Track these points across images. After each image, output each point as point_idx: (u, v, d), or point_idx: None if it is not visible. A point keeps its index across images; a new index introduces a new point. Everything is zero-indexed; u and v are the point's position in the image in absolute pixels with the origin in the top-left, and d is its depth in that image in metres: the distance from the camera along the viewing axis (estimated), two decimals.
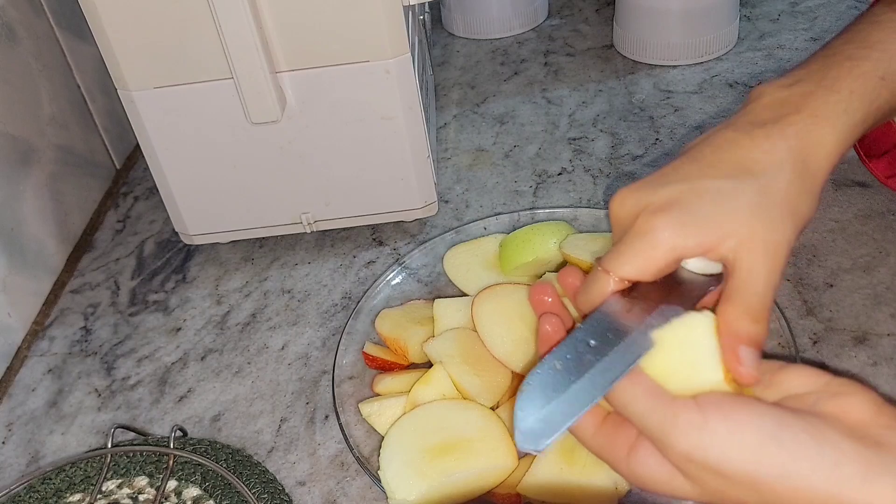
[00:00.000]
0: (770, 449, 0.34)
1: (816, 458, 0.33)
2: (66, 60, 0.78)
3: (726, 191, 0.40)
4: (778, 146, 0.41)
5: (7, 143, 0.68)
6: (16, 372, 0.65)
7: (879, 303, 0.57)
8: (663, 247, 0.39)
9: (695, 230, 0.39)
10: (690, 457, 0.35)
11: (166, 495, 0.52)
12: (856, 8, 0.90)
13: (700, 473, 0.35)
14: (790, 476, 0.33)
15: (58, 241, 0.74)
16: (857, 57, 0.44)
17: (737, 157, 0.41)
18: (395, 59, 0.60)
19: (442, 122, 0.84)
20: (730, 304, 0.39)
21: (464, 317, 0.56)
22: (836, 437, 0.34)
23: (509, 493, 0.48)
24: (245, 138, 0.63)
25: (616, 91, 0.84)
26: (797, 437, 0.34)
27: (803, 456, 0.33)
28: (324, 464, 0.54)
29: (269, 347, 0.63)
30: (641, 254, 0.40)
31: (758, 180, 0.40)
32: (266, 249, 0.72)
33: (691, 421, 0.35)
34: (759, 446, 0.34)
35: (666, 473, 0.36)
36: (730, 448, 0.34)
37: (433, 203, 0.69)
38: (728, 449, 0.34)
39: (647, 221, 0.40)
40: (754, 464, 0.34)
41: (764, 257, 0.39)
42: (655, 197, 0.41)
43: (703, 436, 0.34)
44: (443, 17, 1.00)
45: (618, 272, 0.40)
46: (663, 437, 0.35)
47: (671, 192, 0.40)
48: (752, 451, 0.34)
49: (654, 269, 0.40)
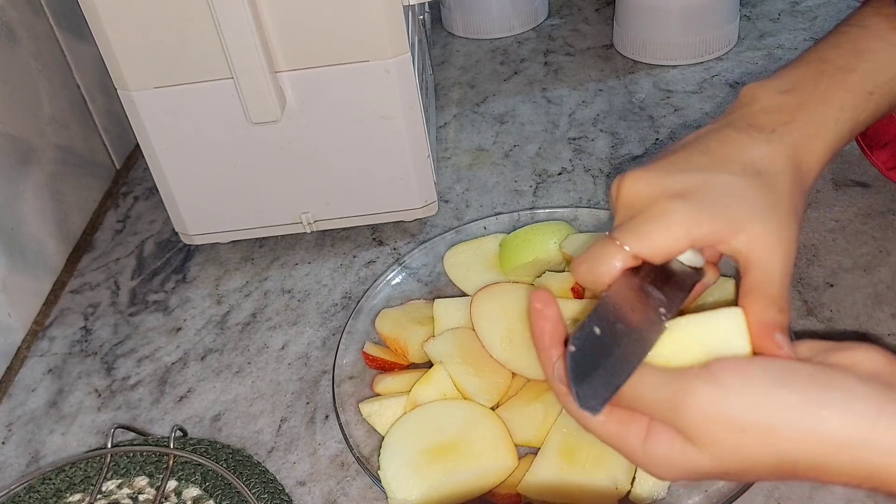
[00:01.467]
0: (780, 392, 0.35)
1: (826, 400, 0.34)
2: (66, 60, 0.78)
3: (739, 186, 0.42)
4: (778, 152, 0.43)
5: (7, 143, 0.68)
6: (16, 372, 0.65)
7: (880, 302, 0.57)
8: (680, 231, 0.41)
9: (710, 220, 0.41)
10: (706, 415, 0.35)
11: (166, 495, 0.52)
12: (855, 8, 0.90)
13: (716, 434, 0.35)
14: (801, 419, 0.34)
15: (58, 241, 0.74)
16: (847, 68, 0.47)
17: (744, 156, 0.43)
18: (395, 59, 0.60)
19: (442, 121, 0.84)
20: (754, 297, 0.40)
21: (464, 317, 0.56)
22: (846, 380, 0.35)
23: (509, 493, 0.48)
24: (245, 138, 0.63)
25: (616, 91, 0.84)
26: (806, 381, 0.35)
27: (813, 397, 0.34)
28: (324, 464, 0.54)
29: (269, 347, 0.63)
30: (658, 234, 0.41)
31: (765, 180, 0.42)
32: (266, 249, 0.72)
33: (703, 381, 0.36)
34: (769, 392, 0.35)
35: (679, 448, 0.36)
36: (742, 397, 0.35)
37: (433, 203, 0.69)
38: (741, 398, 0.35)
39: (666, 204, 0.41)
40: (766, 408, 0.35)
41: (779, 251, 0.41)
42: (672, 182, 0.42)
43: (714, 391, 0.35)
44: (443, 17, 1.00)
45: (634, 248, 0.41)
46: (678, 406, 0.36)
47: (687, 180, 0.42)
48: (762, 396, 0.35)
49: (665, 252, 0.41)
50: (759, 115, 0.45)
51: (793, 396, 0.35)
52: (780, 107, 0.45)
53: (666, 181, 0.42)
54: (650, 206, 0.41)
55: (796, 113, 0.45)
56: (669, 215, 0.41)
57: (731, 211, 0.41)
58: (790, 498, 0.47)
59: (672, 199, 0.41)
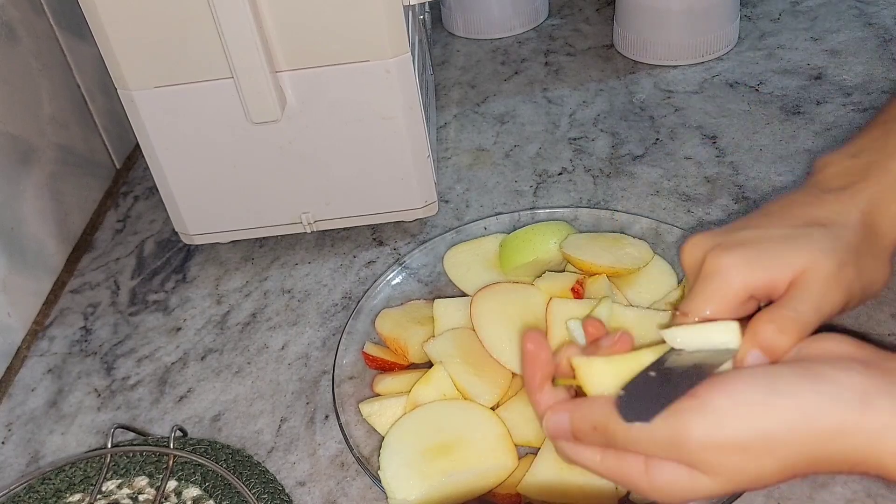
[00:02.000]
0: (772, 401, 0.35)
1: (815, 396, 0.34)
2: (66, 60, 0.78)
3: (796, 235, 0.42)
4: (848, 208, 0.43)
5: (7, 143, 0.68)
6: (16, 372, 0.65)
7: (880, 303, 0.57)
8: (734, 283, 0.41)
9: (762, 266, 0.41)
10: (705, 444, 0.35)
11: (166, 495, 0.52)
12: (856, 8, 0.90)
13: (719, 459, 0.35)
14: (797, 421, 0.34)
15: (58, 241, 0.74)
16: None
17: (807, 213, 0.43)
18: (395, 59, 0.60)
19: (442, 121, 0.84)
20: (766, 311, 0.40)
21: (464, 317, 0.56)
22: (829, 369, 0.35)
23: (509, 493, 0.48)
24: (245, 138, 0.63)
25: (616, 91, 0.84)
26: (793, 381, 0.35)
27: (803, 398, 0.35)
28: (324, 464, 0.54)
29: (269, 347, 0.63)
30: (715, 293, 0.41)
31: (828, 230, 0.42)
32: (266, 249, 0.72)
33: (695, 412, 0.35)
34: (762, 403, 0.35)
35: (685, 475, 0.36)
36: (736, 417, 0.35)
37: (433, 203, 0.69)
38: (735, 418, 0.35)
39: (716, 260, 0.42)
40: (762, 420, 0.34)
41: (819, 284, 0.40)
42: (724, 239, 0.43)
43: (708, 419, 0.35)
44: (443, 17, 1.00)
45: (695, 314, 0.41)
46: (677, 444, 0.35)
47: (740, 237, 0.42)
48: (757, 409, 0.35)
49: (728, 307, 0.41)
50: (829, 179, 0.45)
51: (785, 400, 0.35)
52: (850, 169, 0.45)
53: (719, 239, 0.43)
54: (703, 266, 0.42)
55: (867, 172, 0.45)
56: (723, 270, 0.41)
57: (785, 256, 0.41)
58: (790, 498, 0.47)
59: (722, 254, 0.41)
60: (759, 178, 0.70)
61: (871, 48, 0.84)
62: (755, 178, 0.70)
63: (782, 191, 0.68)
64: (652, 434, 0.36)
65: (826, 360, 0.36)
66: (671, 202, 0.69)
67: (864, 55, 0.83)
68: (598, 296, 0.55)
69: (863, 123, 0.74)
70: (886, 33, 0.86)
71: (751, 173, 0.71)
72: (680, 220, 0.67)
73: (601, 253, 0.58)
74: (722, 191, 0.69)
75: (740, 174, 0.71)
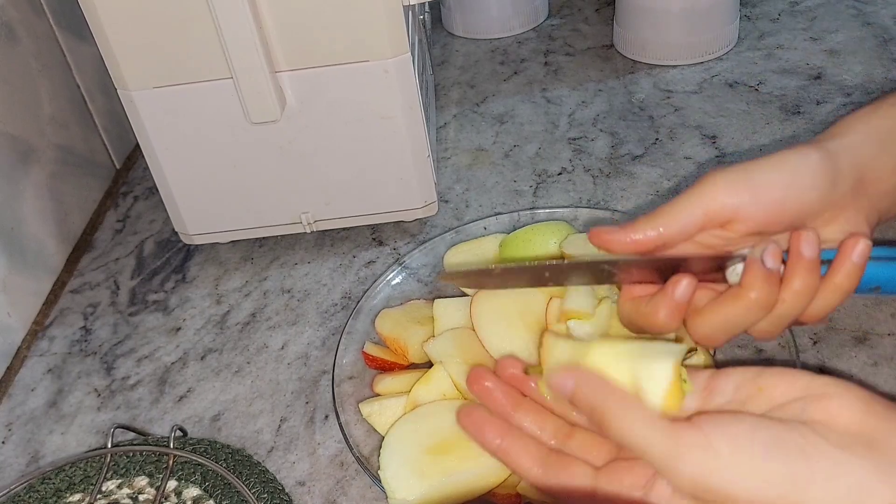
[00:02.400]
0: (769, 465, 0.34)
1: (811, 475, 0.33)
2: (66, 60, 0.78)
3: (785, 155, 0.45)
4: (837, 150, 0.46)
5: (7, 143, 0.68)
6: (16, 372, 0.65)
7: (880, 302, 0.57)
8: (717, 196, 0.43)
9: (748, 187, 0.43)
10: (697, 482, 0.34)
11: (166, 495, 0.52)
12: (854, 8, 0.90)
13: (706, 497, 0.35)
14: (789, 494, 0.33)
15: (58, 241, 0.74)
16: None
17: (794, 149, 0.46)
18: (395, 59, 0.60)
19: (442, 121, 0.84)
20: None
21: (464, 317, 0.56)
22: (829, 450, 0.34)
23: (509, 493, 0.48)
24: (245, 138, 0.63)
25: (616, 91, 0.84)
26: (793, 452, 0.34)
27: (800, 472, 0.33)
28: (324, 464, 0.54)
29: (268, 347, 0.63)
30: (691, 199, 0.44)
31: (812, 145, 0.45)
32: (266, 249, 0.72)
33: (694, 443, 0.35)
34: (759, 464, 0.34)
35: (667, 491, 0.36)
36: (732, 467, 0.34)
37: (433, 203, 0.69)
38: (731, 468, 0.34)
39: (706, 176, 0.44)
40: (755, 481, 0.34)
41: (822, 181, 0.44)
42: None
43: (707, 458, 0.34)
44: (443, 17, 1.00)
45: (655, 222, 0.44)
46: (670, 467, 0.35)
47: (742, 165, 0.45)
48: (752, 466, 0.34)
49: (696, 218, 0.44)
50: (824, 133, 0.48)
51: (781, 469, 0.34)
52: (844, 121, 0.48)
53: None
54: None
55: (856, 123, 0.47)
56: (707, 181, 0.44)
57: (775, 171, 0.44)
58: None
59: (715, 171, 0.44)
60: None
61: (870, 48, 0.84)
62: None
63: None
64: (648, 445, 0.36)
65: (829, 431, 0.35)
66: None
67: (864, 55, 0.83)
68: (598, 296, 0.55)
69: None
70: (885, 33, 0.86)
71: None
72: None
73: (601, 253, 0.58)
74: None
75: None
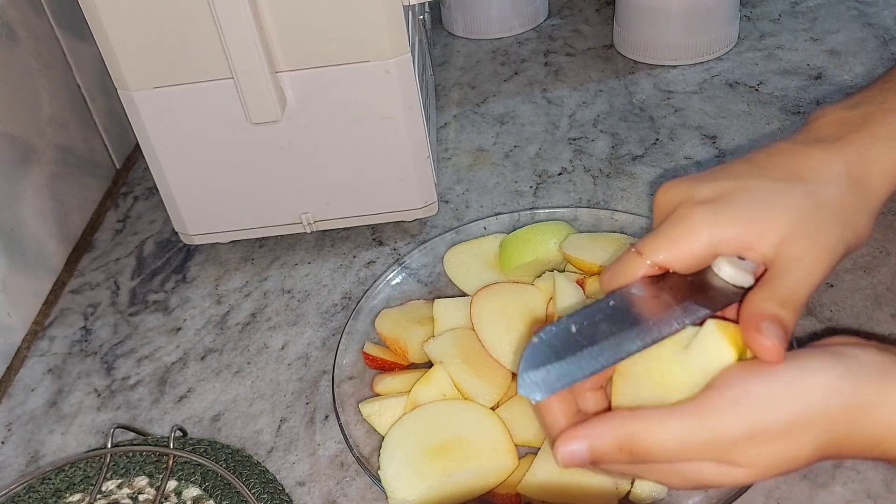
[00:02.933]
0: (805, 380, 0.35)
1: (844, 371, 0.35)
2: (66, 60, 0.78)
3: (774, 190, 0.40)
4: (835, 159, 0.41)
5: (7, 143, 0.68)
6: (16, 372, 0.65)
7: (880, 303, 0.57)
8: (700, 236, 0.39)
9: (734, 222, 0.39)
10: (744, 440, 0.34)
11: (166, 495, 0.52)
12: (855, 9, 0.90)
13: (758, 450, 0.35)
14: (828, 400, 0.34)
15: (58, 241, 0.74)
16: None
17: (790, 163, 0.41)
18: (395, 59, 0.60)
19: (442, 122, 0.84)
20: (759, 288, 0.38)
21: (464, 317, 0.56)
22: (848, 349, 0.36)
23: (509, 493, 0.48)
24: (245, 138, 0.63)
25: (616, 91, 0.84)
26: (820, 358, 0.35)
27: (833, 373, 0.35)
28: (324, 464, 0.54)
29: (269, 347, 0.63)
30: (677, 240, 0.39)
31: (809, 186, 0.40)
32: (266, 249, 0.72)
33: (725, 407, 0.35)
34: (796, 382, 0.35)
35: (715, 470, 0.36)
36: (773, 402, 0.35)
37: (433, 203, 0.69)
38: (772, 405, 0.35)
39: (687, 209, 0.40)
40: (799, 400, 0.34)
41: (805, 254, 0.38)
42: (700, 189, 0.41)
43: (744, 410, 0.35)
44: (443, 17, 1.00)
45: (650, 256, 0.40)
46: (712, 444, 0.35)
47: (716, 187, 0.40)
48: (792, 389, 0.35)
49: (687, 258, 0.39)
50: (821, 128, 0.43)
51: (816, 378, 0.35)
52: (845, 119, 0.43)
53: (696, 189, 0.41)
54: (674, 213, 0.40)
55: (860, 123, 0.43)
56: (689, 219, 0.39)
57: (760, 214, 0.39)
58: (790, 498, 0.47)
59: (695, 205, 0.40)
60: None
61: (870, 48, 0.84)
62: None
63: None
64: (684, 441, 0.35)
65: (843, 343, 0.37)
66: None
67: (864, 55, 0.83)
68: (598, 296, 0.55)
69: None
70: (886, 33, 0.86)
71: None
72: None
73: (601, 253, 0.58)
74: None
75: None
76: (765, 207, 0.39)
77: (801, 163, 0.41)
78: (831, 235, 0.39)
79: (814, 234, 0.39)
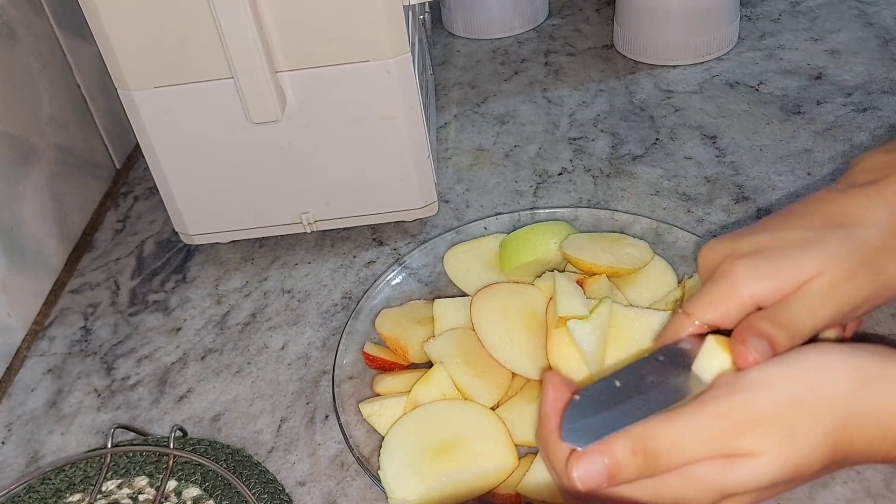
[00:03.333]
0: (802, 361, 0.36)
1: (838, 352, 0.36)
2: (66, 60, 0.78)
3: (811, 239, 0.40)
4: (875, 202, 0.41)
5: (7, 143, 0.68)
6: (16, 372, 0.65)
7: None
8: (741, 292, 0.40)
9: (770, 275, 0.40)
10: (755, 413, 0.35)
11: (166, 495, 0.52)
12: (856, 8, 0.90)
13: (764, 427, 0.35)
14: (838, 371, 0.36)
15: (58, 241, 0.74)
16: None
17: (829, 211, 0.42)
18: (396, 59, 0.60)
19: (442, 121, 0.84)
20: (765, 310, 0.40)
21: (464, 317, 0.56)
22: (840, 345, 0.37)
23: (509, 493, 0.48)
24: (245, 138, 0.63)
25: (616, 91, 0.84)
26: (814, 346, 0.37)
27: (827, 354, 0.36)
28: (324, 464, 0.54)
29: (269, 347, 0.63)
30: (721, 298, 0.41)
31: (848, 230, 0.40)
32: (266, 249, 0.72)
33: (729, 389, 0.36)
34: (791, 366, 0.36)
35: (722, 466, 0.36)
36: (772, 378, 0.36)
37: (433, 203, 0.69)
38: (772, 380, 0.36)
39: (729, 267, 0.41)
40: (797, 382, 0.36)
41: (820, 287, 0.39)
42: (740, 245, 0.42)
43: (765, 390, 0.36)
44: (443, 17, 1.00)
45: (697, 315, 0.41)
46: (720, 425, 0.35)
47: (756, 241, 0.41)
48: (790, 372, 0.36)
49: (732, 316, 0.40)
50: (859, 174, 0.44)
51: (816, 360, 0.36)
52: (885, 163, 0.43)
53: (736, 245, 0.42)
54: (717, 271, 0.41)
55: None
56: (731, 277, 0.40)
57: (797, 263, 0.39)
58: (790, 498, 0.47)
59: (736, 261, 0.41)
60: (759, 179, 0.70)
61: (871, 48, 0.84)
62: (755, 178, 0.70)
63: (782, 190, 0.68)
64: (693, 434, 0.35)
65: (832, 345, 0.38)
66: (671, 202, 0.69)
67: (865, 55, 0.83)
68: (598, 296, 0.54)
69: (863, 123, 0.74)
70: (887, 33, 0.86)
71: (751, 173, 0.71)
72: (680, 220, 0.67)
73: (601, 253, 0.58)
74: (722, 191, 0.69)
75: (740, 174, 0.71)
76: (800, 257, 0.40)
77: (841, 209, 0.42)
78: (858, 278, 0.40)
79: (837, 271, 0.39)
